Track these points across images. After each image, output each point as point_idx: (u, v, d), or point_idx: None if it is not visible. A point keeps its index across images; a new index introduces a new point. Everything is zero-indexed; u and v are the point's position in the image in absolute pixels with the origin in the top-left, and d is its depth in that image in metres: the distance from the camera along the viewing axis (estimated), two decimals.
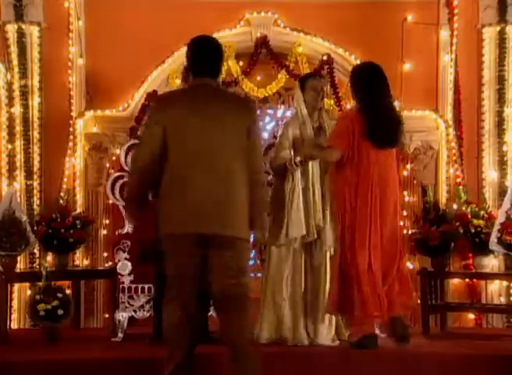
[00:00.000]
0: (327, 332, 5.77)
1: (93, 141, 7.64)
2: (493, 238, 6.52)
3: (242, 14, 7.67)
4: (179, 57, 7.60)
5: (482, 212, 6.89)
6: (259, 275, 7.52)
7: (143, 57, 7.55)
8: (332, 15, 7.60)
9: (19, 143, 7.51)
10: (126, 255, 6.20)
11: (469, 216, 6.86)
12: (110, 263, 7.09)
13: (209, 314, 5.41)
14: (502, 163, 7.60)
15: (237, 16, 7.66)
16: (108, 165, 7.57)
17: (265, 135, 7.74)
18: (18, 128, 7.52)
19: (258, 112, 5.20)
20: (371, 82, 5.62)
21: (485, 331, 7.04)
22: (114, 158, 7.47)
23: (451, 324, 7.18)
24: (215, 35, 7.34)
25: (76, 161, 7.55)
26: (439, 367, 5.28)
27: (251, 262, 7.84)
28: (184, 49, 7.59)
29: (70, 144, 7.54)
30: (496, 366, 5.25)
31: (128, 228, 6.46)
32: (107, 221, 7.55)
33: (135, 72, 7.57)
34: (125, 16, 7.62)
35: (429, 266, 6.83)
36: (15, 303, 7.34)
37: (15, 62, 7.53)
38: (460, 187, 7.34)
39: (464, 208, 7.01)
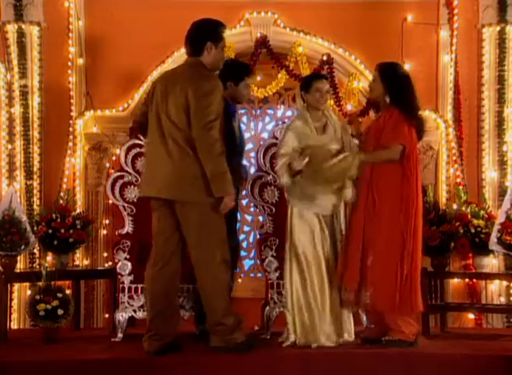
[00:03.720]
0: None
1: (93, 141, 7.64)
2: (493, 238, 6.51)
3: (242, 14, 7.67)
4: (179, 57, 7.60)
5: (482, 212, 6.89)
6: (259, 275, 7.55)
7: (143, 57, 7.56)
8: (332, 15, 7.60)
9: (19, 143, 7.52)
10: (126, 255, 6.20)
11: (469, 216, 6.85)
12: (110, 263, 7.09)
13: None
14: (502, 163, 7.60)
15: (237, 16, 7.66)
16: (108, 165, 7.57)
17: (265, 135, 7.76)
18: (18, 128, 7.53)
19: (215, 85, 5.32)
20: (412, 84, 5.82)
21: (485, 331, 7.04)
22: (114, 158, 7.47)
23: (451, 324, 7.18)
24: None
25: (76, 161, 7.55)
26: (439, 367, 5.27)
27: (251, 262, 7.85)
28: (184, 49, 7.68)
29: (70, 144, 7.55)
30: (496, 366, 5.25)
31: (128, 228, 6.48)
32: (107, 221, 7.55)
33: (135, 72, 7.57)
34: (125, 16, 7.62)
35: (429, 266, 6.82)
36: (15, 303, 7.35)
37: (15, 62, 7.54)
38: (460, 187, 7.33)
39: (463, 208, 7.00)
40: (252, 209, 7.78)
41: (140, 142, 6.54)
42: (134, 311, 6.12)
